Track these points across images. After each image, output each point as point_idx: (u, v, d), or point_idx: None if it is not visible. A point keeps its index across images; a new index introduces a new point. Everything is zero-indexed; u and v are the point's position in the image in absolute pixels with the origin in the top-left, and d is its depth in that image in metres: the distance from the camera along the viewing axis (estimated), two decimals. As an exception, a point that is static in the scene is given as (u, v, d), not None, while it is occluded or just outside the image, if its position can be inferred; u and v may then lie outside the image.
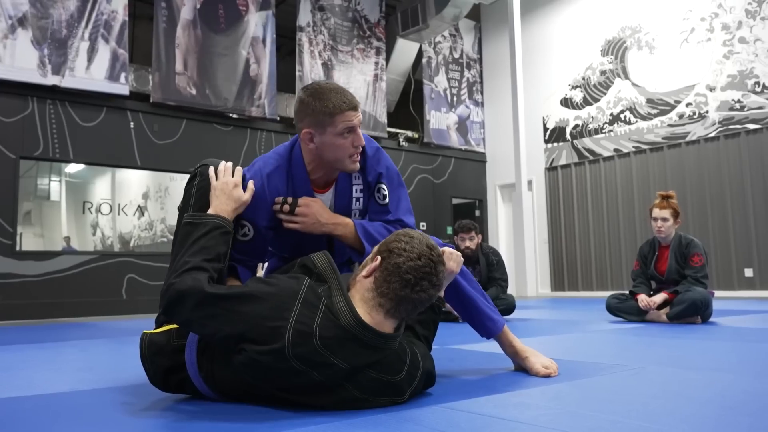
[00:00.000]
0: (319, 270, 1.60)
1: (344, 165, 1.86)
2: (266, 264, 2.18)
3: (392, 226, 1.94)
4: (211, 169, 1.85)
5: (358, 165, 1.87)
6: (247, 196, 1.83)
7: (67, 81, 7.04)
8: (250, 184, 1.85)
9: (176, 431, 1.41)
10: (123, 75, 7.41)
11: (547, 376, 1.99)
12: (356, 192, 1.96)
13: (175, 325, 1.69)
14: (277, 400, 1.57)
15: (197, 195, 1.84)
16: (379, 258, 1.55)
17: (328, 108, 1.76)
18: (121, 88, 7.40)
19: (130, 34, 7.99)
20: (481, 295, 2.07)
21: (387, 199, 1.96)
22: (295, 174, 1.90)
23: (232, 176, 1.84)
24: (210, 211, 1.76)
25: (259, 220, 1.87)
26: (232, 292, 1.52)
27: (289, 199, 1.86)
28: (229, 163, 1.88)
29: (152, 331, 1.72)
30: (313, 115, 1.79)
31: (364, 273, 1.57)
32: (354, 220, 1.92)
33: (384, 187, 1.96)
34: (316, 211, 1.86)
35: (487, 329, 2.06)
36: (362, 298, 1.54)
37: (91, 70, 7.22)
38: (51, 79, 6.95)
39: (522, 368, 2.09)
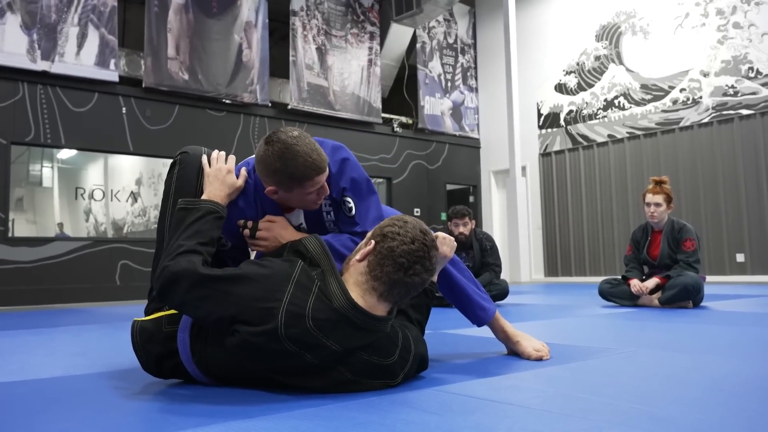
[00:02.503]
0: (312, 254, 1.61)
1: (308, 208, 1.85)
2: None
3: (359, 238, 1.88)
4: (204, 157, 1.86)
5: (320, 203, 1.84)
6: (240, 182, 1.84)
7: (57, 67, 6.97)
8: (243, 171, 1.86)
9: (170, 414, 1.41)
10: (112, 61, 7.34)
11: (539, 359, 2.01)
12: (325, 206, 1.92)
13: (165, 312, 1.69)
14: (270, 384, 1.58)
15: (177, 183, 1.85)
16: (372, 242, 1.56)
17: (296, 176, 1.69)
18: (111, 74, 7.33)
19: (122, 18, 7.91)
20: (473, 283, 2.08)
21: (353, 212, 1.89)
22: (262, 196, 1.86)
23: (225, 163, 1.85)
24: (204, 197, 1.77)
25: (228, 239, 1.87)
26: (226, 274, 1.52)
27: (249, 223, 1.83)
28: (222, 152, 1.89)
29: (143, 319, 1.72)
30: (279, 177, 1.72)
31: (357, 257, 1.58)
32: (320, 237, 1.85)
33: (349, 200, 1.89)
34: (278, 233, 1.82)
35: (478, 318, 2.08)
36: (356, 282, 1.55)
37: (81, 56, 7.15)
38: (41, 65, 6.88)
39: (514, 352, 2.10)
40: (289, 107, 8.92)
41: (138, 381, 1.80)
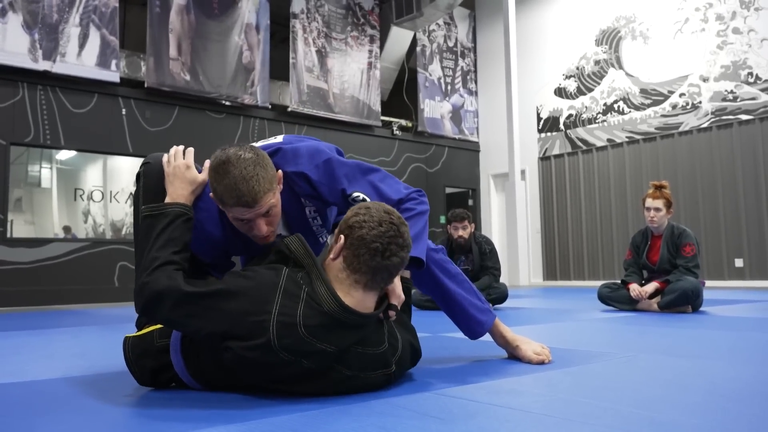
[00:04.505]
0: (294, 255, 1.58)
1: (253, 239, 1.72)
2: None
3: (403, 211, 1.76)
4: (165, 157, 1.80)
5: (269, 241, 1.71)
6: (202, 176, 1.77)
7: (58, 67, 6.97)
8: (206, 164, 1.76)
9: (169, 418, 1.41)
10: (114, 62, 7.35)
11: (540, 363, 2.00)
12: (310, 213, 1.88)
13: (156, 326, 1.67)
14: (269, 389, 1.58)
15: (144, 197, 1.78)
16: (342, 237, 1.53)
17: (218, 195, 1.62)
18: (112, 75, 7.34)
19: (122, 20, 7.92)
20: (471, 294, 2.02)
21: (368, 200, 1.78)
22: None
23: (183, 157, 1.78)
24: (167, 200, 1.71)
25: (204, 258, 1.81)
26: (211, 290, 1.48)
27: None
28: (180, 147, 1.82)
29: (134, 334, 1.70)
30: (212, 190, 1.64)
31: (332, 256, 1.55)
32: (302, 237, 1.69)
33: (357, 194, 1.77)
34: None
35: (473, 332, 2.04)
36: (336, 279, 1.52)
37: (83, 57, 7.15)
38: (42, 65, 6.88)
39: (514, 357, 2.10)
40: (289, 110, 8.93)
41: (136, 384, 1.79)
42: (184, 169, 1.75)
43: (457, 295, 1.99)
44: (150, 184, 1.78)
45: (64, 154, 8.11)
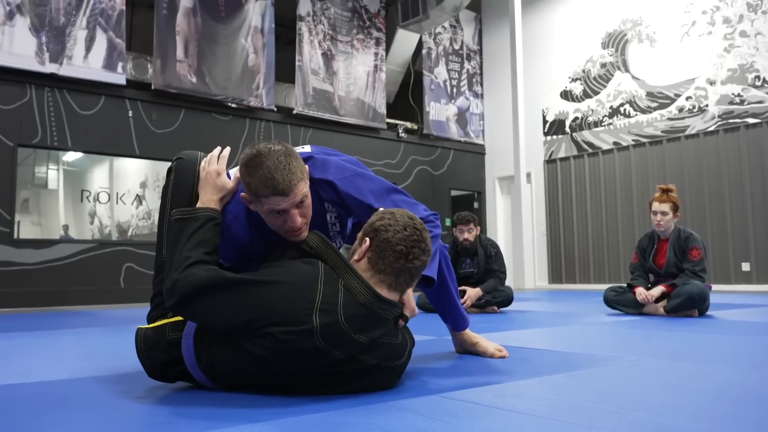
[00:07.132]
0: (315, 251, 1.63)
1: (279, 232, 1.71)
2: None
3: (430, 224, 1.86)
4: (203, 162, 1.83)
5: (302, 237, 1.70)
6: (231, 184, 1.79)
7: (65, 69, 7.01)
8: (235, 171, 1.80)
9: (175, 418, 1.41)
10: (120, 64, 7.38)
11: (502, 357, 2.17)
12: (331, 219, 1.91)
13: (169, 320, 1.68)
14: (276, 390, 1.58)
15: (173, 192, 1.81)
16: (367, 240, 1.60)
17: (252, 188, 1.63)
18: (118, 77, 7.37)
19: (129, 21, 7.96)
20: (456, 290, 2.20)
21: None
22: (258, 219, 1.78)
23: (218, 161, 1.82)
24: (198, 204, 1.75)
25: (226, 261, 1.83)
26: (255, 278, 1.54)
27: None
28: (217, 149, 1.85)
29: (147, 326, 1.72)
30: (245, 185, 1.66)
31: (356, 257, 1.62)
32: (319, 233, 1.76)
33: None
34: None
35: (458, 326, 2.24)
36: None
37: (89, 59, 7.19)
38: (49, 67, 6.92)
39: (468, 352, 2.26)
40: (295, 112, 8.95)
41: (143, 384, 1.80)
42: (215, 176, 1.78)
43: (452, 290, 2.14)
44: (180, 181, 1.83)
45: (71, 156, 8.15)
